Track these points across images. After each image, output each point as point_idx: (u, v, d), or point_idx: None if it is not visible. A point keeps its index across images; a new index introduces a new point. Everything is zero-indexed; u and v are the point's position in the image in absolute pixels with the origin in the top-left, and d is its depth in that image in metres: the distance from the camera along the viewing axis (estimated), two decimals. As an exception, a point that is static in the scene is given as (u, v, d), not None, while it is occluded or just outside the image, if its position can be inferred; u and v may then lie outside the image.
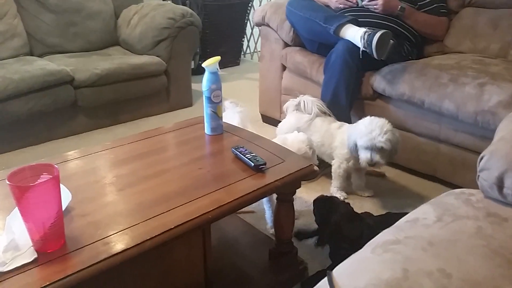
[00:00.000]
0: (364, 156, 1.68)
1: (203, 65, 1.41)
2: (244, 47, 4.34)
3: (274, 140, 1.65)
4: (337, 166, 1.85)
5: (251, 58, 4.46)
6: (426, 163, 1.98)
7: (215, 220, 1.04)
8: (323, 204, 1.44)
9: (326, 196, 1.47)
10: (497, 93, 1.65)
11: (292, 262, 1.39)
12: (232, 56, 4.11)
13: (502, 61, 1.98)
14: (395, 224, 0.76)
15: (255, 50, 4.43)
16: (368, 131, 1.65)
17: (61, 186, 1.07)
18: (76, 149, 1.36)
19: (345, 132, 1.82)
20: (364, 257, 0.67)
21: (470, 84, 1.73)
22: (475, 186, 1.81)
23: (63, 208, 0.99)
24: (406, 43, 2.21)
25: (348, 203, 1.43)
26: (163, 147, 1.39)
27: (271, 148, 1.35)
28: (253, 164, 1.20)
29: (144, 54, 2.87)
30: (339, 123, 1.91)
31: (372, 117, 1.72)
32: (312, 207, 1.72)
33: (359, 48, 1.92)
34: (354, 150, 1.73)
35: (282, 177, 1.18)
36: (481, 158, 0.91)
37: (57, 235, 0.89)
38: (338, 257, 1.42)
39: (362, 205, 1.82)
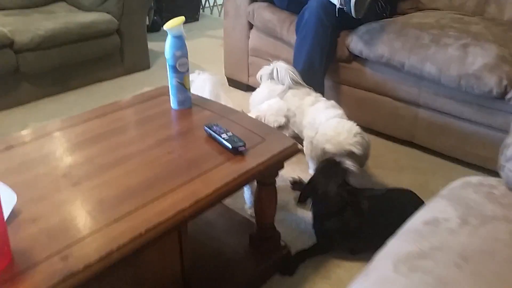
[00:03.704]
0: None
1: (165, 27, 1.21)
2: (203, 0, 4.05)
3: (250, 115, 1.50)
4: (305, 147, 1.66)
5: (211, 13, 4.17)
6: (404, 129, 1.90)
7: (193, 217, 0.90)
8: (326, 164, 1.33)
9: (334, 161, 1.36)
10: (482, 55, 1.56)
11: (275, 247, 1.28)
12: (190, 11, 3.81)
13: (480, 19, 1.88)
14: (412, 227, 0.66)
15: (215, 4, 4.14)
16: (335, 134, 1.46)
17: (1, 185, 0.89)
18: (22, 122, 1.16)
19: (317, 111, 1.63)
20: (388, 278, 0.56)
21: (452, 45, 1.62)
22: (455, 153, 1.77)
23: (7, 215, 0.82)
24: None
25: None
26: (123, 127, 1.21)
27: (249, 125, 1.20)
28: (231, 146, 1.06)
29: (92, 10, 2.57)
30: (313, 98, 1.69)
31: (339, 119, 1.53)
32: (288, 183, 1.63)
33: (334, 5, 1.76)
34: (322, 157, 1.52)
35: (265, 160, 1.05)
36: (507, 146, 0.79)
37: (0, 253, 0.73)
38: (323, 232, 1.34)
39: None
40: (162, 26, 3.89)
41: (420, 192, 1.45)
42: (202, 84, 1.64)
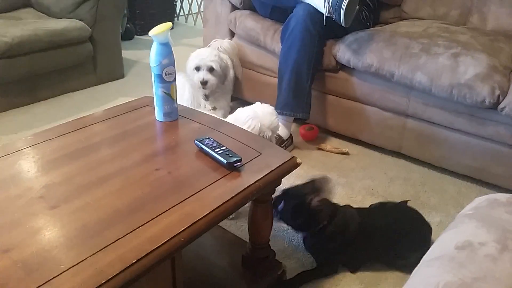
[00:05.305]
0: (197, 76, 1.89)
1: (150, 34, 1.11)
2: (177, 8, 3.95)
3: (230, 118, 1.43)
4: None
5: (186, 21, 4.08)
6: (391, 139, 1.86)
7: (189, 242, 0.80)
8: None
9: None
10: (473, 65, 1.53)
11: (269, 267, 1.20)
12: (164, 19, 3.70)
13: (466, 29, 1.87)
14: (444, 252, 0.59)
15: (190, 12, 4.05)
16: (200, 54, 1.93)
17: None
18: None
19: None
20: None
21: (443, 54, 1.60)
22: (444, 164, 1.74)
23: (-27, 248, 0.71)
24: (364, 8, 2.04)
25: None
26: (103, 141, 1.10)
27: (242, 137, 1.11)
28: (226, 162, 0.97)
29: (63, 17, 2.44)
30: None
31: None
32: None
33: (321, 13, 1.71)
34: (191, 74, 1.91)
35: (263, 176, 0.97)
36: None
37: (-34, 295, 0.61)
38: (319, 249, 1.28)
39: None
40: (136, 34, 3.74)
41: (412, 204, 1.42)
42: (181, 85, 1.54)
